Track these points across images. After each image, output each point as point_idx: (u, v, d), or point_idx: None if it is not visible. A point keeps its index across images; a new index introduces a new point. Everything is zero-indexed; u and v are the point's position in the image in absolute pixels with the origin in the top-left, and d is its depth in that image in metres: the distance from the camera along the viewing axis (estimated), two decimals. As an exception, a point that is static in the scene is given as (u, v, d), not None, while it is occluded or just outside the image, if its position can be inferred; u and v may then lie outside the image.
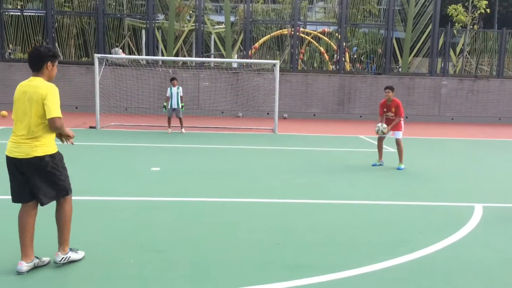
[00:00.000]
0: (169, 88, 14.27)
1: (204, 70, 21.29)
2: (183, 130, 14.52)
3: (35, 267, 3.95)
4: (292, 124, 18.69)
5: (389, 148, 10.52)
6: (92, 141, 12.06)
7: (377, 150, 9.95)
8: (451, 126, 20.39)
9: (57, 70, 4.04)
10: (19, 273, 3.82)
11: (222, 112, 20.74)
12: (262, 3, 26.64)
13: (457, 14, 25.85)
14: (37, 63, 3.85)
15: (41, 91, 3.77)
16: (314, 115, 21.79)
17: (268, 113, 19.51)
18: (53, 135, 3.93)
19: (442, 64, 23.23)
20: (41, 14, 21.67)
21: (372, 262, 4.33)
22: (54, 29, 21.25)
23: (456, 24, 25.82)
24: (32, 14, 22.35)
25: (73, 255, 4.09)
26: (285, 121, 19.51)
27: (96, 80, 15.28)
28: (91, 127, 14.99)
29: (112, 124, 15.92)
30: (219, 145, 12.23)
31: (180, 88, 14.40)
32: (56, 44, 21.57)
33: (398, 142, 9.56)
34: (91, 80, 19.07)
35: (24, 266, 3.83)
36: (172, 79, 14.28)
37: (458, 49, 24.87)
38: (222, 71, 21.48)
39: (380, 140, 9.77)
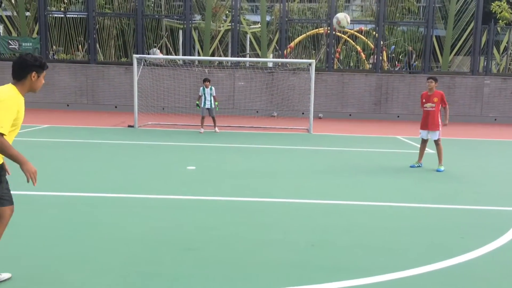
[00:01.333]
0: (201, 88, 14.40)
1: (240, 70, 21.39)
2: (216, 129, 14.64)
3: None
4: (327, 124, 18.51)
5: (429, 150, 10.23)
6: (130, 140, 12.34)
7: (418, 151, 9.68)
8: (494, 127, 19.64)
9: (41, 80, 3.63)
10: None
11: (257, 112, 20.78)
12: (298, 2, 26.49)
13: (501, 11, 24.84)
14: (19, 72, 3.44)
15: None
16: (350, 115, 21.48)
17: (303, 113, 19.39)
18: None
19: (485, 63, 22.39)
20: (83, 16, 22.37)
21: (410, 266, 4.22)
22: (95, 30, 21.88)
23: (500, 21, 24.83)
24: (74, 16, 23.10)
25: None
26: (320, 121, 19.34)
27: (135, 80, 15.63)
28: (129, 126, 15.34)
29: (150, 123, 16.24)
30: (254, 144, 12.25)
31: (213, 88, 14.51)
32: (97, 45, 22.21)
33: (437, 143, 9.29)
34: (130, 80, 19.51)
35: None
36: (205, 80, 14.40)
37: (502, 47, 23.92)
38: (257, 70, 21.51)
39: (424, 142, 9.50)
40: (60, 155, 9.83)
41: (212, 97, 14.34)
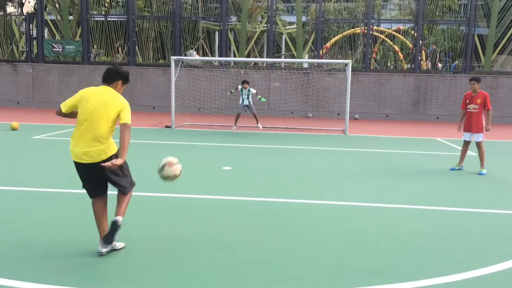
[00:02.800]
0: (240, 86, 14.58)
1: (275, 71, 21.40)
2: (259, 125, 14.78)
3: (112, 250, 4.34)
4: (363, 125, 18.25)
5: (470, 152, 9.91)
6: (167, 140, 12.58)
7: (460, 153, 9.39)
8: (541, 129, 18.79)
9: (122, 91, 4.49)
10: (100, 254, 4.24)
11: (292, 113, 20.72)
12: (334, 2, 26.24)
13: (549, 7, 23.72)
14: (112, 78, 4.36)
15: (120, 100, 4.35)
16: (387, 116, 21.09)
17: (338, 114, 19.20)
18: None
19: (531, 62, 21.48)
20: (123, 19, 22.98)
21: (450, 272, 4.11)
22: (135, 33, 22.43)
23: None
24: (115, 19, 23.76)
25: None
26: (356, 122, 19.08)
27: (172, 81, 15.92)
28: (166, 127, 15.64)
29: (186, 123, 16.50)
30: (289, 145, 12.23)
31: (251, 89, 14.63)
32: (136, 48, 22.76)
33: (479, 145, 8.98)
34: (167, 82, 19.89)
35: (104, 248, 4.25)
36: (244, 82, 14.53)
37: (549, 45, 22.83)
38: (293, 71, 21.46)
39: (466, 144, 9.20)
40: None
41: (250, 95, 14.52)
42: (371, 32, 22.05)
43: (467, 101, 9.05)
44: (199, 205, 6.24)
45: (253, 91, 14.63)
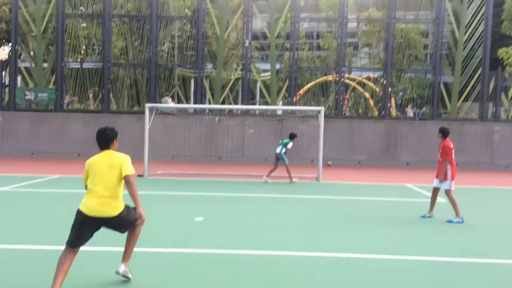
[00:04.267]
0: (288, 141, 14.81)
1: (249, 118, 21.70)
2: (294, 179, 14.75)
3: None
4: (336, 171, 18.49)
5: (441, 199, 10.12)
6: (138, 190, 12.40)
7: (430, 200, 9.54)
8: (506, 174, 19.43)
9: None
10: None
11: (266, 160, 20.84)
12: (307, 50, 27.22)
13: (508, 57, 25.16)
14: (106, 143, 5.03)
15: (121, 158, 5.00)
16: (359, 162, 21.46)
17: (312, 161, 19.43)
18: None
19: (494, 109, 22.46)
20: (98, 66, 23.16)
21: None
22: (110, 80, 22.56)
23: (508, 67, 25.10)
24: (90, 66, 23.93)
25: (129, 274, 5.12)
26: (329, 169, 19.33)
27: (146, 129, 15.92)
28: (139, 176, 15.47)
29: (159, 172, 16.38)
30: (263, 193, 12.24)
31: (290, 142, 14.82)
32: (111, 95, 22.83)
33: (446, 194, 9.15)
34: (141, 129, 19.85)
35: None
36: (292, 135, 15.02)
37: (510, 94, 24.04)
38: (267, 118, 21.81)
39: (435, 191, 9.38)
40: (67, 207, 9.91)
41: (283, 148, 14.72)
42: (342, 79, 22.78)
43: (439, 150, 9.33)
44: (167, 260, 6.12)
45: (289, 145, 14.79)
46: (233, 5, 25.80)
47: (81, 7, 24.36)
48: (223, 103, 24.59)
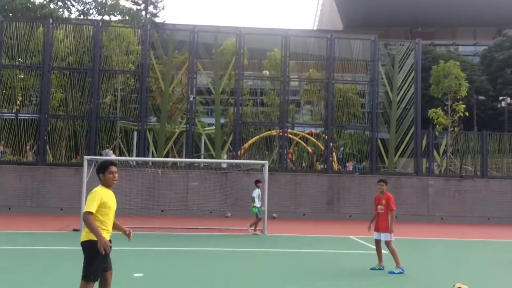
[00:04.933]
0: (256, 189, 14.87)
1: (194, 170, 21.43)
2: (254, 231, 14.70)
3: None
4: (281, 224, 18.40)
5: (384, 250, 10.24)
6: (73, 245, 11.61)
7: (373, 251, 9.55)
8: (441, 226, 20.23)
9: (108, 176, 5.37)
10: None
11: (211, 212, 20.46)
12: (251, 106, 27.77)
13: (438, 117, 27.00)
14: (97, 176, 5.38)
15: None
16: (304, 214, 21.57)
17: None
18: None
19: (427, 164, 23.71)
20: (35, 117, 22.22)
21: None
22: (47, 131, 21.63)
23: (437, 126, 26.89)
24: (26, 117, 22.90)
25: None
26: (274, 221, 19.21)
27: (84, 181, 15.18)
28: (74, 230, 14.56)
29: (97, 226, 15.49)
30: (207, 247, 11.85)
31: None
32: (47, 146, 21.81)
33: (387, 244, 9.22)
34: (78, 182, 18.90)
35: None
36: (257, 181, 15.06)
37: (441, 150, 25.59)
38: (212, 171, 21.63)
39: (378, 242, 9.39)
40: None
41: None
42: (286, 134, 23.30)
43: (376, 202, 9.49)
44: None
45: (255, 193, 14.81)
46: (177, 61, 26.13)
47: (19, 59, 23.65)
48: (166, 156, 24.19)
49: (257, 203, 14.80)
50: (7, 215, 18.89)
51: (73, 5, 37.09)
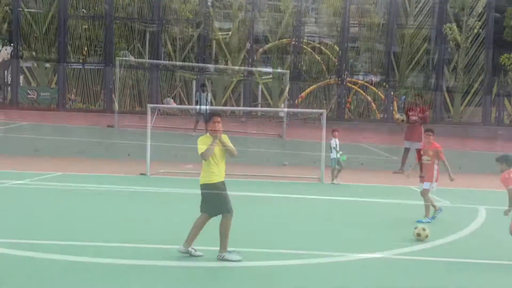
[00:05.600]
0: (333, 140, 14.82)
1: (251, 119, 21.65)
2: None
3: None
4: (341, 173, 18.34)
5: (445, 202, 10.01)
6: (142, 187, 12.35)
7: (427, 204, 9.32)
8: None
9: (212, 125, 5.87)
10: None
11: (268, 161, 20.75)
12: (309, 54, 27.16)
13: (511, 63, 25.06)
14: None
15: None
16: (362, 164, 21.34)
17: (314, 162, 19.32)
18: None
19: (497, 114, 22.43)
20: (100, 67, 23.14)
21: None
22: (112, 81, 22.53)
23: (510, 72, 25.04)
24: (92, 67, 23.90)
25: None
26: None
27: (148, 128, 15.82)
28: (141, 174, 15.39)
29: (162, 171, 16.26)
30: (264, 193, 12.17)
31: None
32: (113, 95, 22.78)
33: (423, 194, 8.88)
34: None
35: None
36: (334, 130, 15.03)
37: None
38: (269, 120, 21.77)
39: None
40: (70, 204, 9.84)
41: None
42: (344, 83, 22.78)
43: (422, 152, 9.11)
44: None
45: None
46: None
47: (83, 9, 24.35)
48: (225, 104, 24.55)
49: (334, 154, 14.63)
50: (80, 159, 20.22)
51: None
